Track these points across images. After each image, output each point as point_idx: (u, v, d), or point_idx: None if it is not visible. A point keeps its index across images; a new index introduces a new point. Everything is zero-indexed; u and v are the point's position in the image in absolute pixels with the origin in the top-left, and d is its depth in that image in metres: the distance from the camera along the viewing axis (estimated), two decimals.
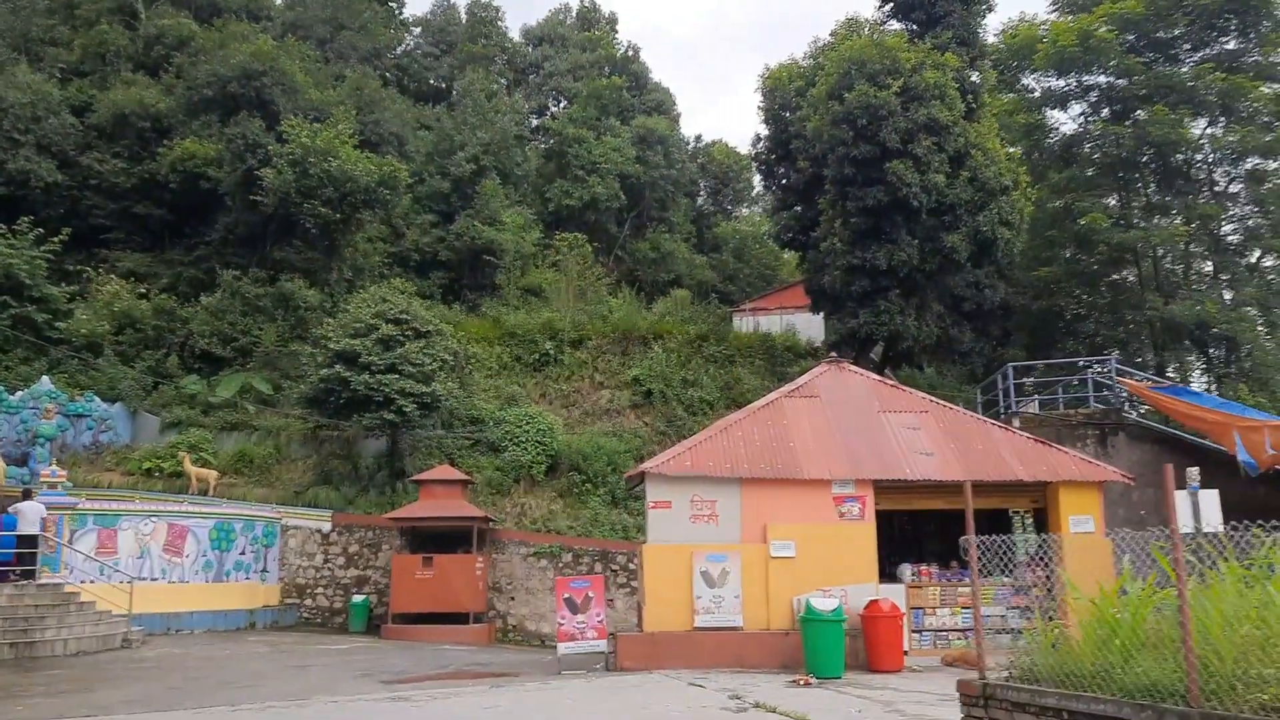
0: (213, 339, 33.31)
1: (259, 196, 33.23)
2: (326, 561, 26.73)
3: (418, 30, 58.99)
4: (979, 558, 14.44)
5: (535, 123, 57.74)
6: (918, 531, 19.21)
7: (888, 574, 16.46)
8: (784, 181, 36.52)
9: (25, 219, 33.70)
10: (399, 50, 56.48)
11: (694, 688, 13.13)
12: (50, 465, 23.60)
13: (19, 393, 29.17)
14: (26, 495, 20.43)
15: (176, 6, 44.84)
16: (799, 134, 32.25)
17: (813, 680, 13.60)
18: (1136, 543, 7.74)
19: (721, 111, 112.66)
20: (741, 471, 16.31)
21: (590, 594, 16.27)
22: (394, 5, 58.14)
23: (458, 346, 30.24)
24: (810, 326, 37.72)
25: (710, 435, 17.41)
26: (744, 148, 57.18)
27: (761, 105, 36.94)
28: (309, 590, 26.54)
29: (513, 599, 26.20)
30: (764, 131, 37.24)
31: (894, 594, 15.74)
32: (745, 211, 61.60)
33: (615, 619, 22.71)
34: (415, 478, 26.39)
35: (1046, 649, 8.00)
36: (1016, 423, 21.82)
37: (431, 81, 55.82)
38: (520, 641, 25.36)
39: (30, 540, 19.69)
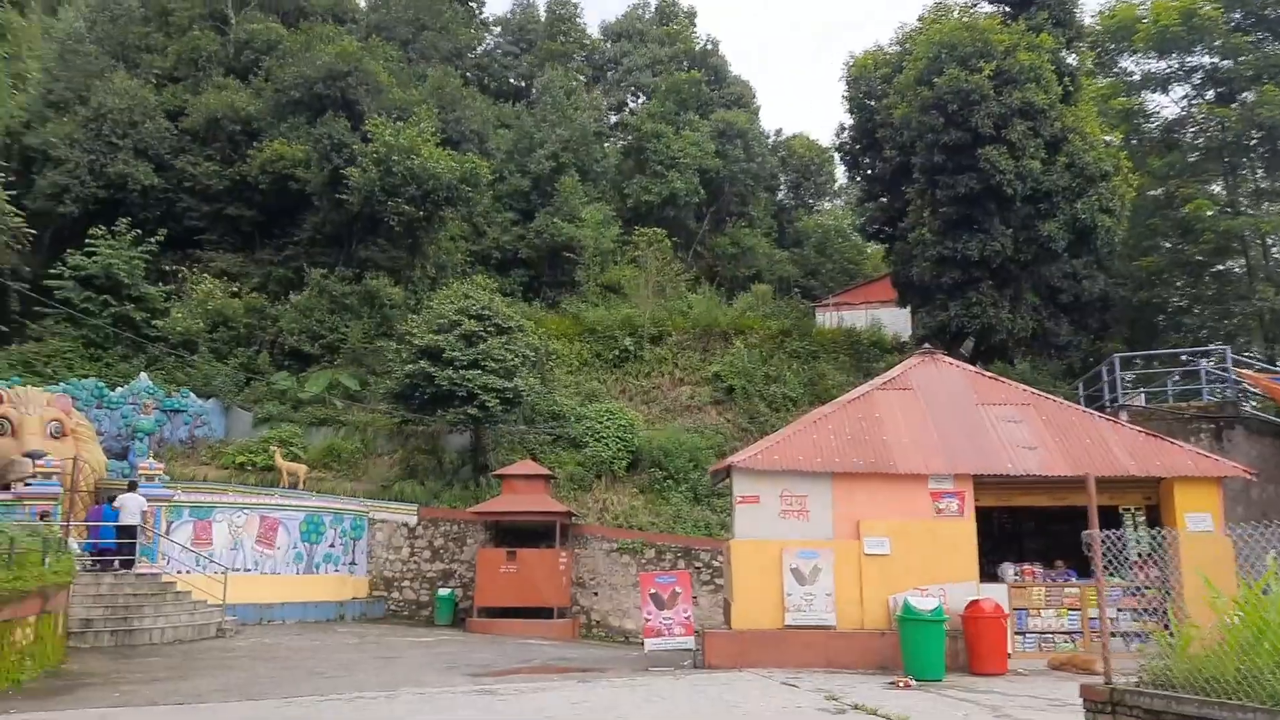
0: (301, 336, 33.94)
1: (344, 195, 33.70)
2: (413, 555, 26.90)
3: (497, 30, 59.35)
4: (1088, 557, 13.73)
5: (614, 119, 57.61)
6: (1017, 529, 18.47)
7: (987, 573, 15.78)
8: (869, 172, 35.70)
9: (123, 220, 34.73)
10: (479, 50, 56.88)
11: (787, 687, 12.71)
12: (148, 458, 24.13)
13: (119, 389, 30.06)
14: (131, 487, 20.93)
15: (265, 11, 45.78)
16: (885, 122, 31.43)
17: (912, 682, 13.06)
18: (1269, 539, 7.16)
19: (803, 103, 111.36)
20: (833, 466, 15.79)
21: (677, 589, 15.94)
22: (474, 5, 58.62)
23: (538, 342, 30.23)
24: (896, 321, 36.86)
25: (799, 429, 16.93)
26: (826, 140, 56.44)
27: (846, 94, 36.13)
28: (396, 583, 26.74)
29: (596, 594, 26.02)
30: (848, 121, 36.43)
31: (996, 594, 15.07)
32: (827, 205, 60.62)
33: (699, 616, 22.31)
34: (498, 472, 26.40)
35: (1181, 652, 7.42)
36: (1124, 416, 20.83)
37: (511, 80, 56.10)
38: (604, 637, 25.17)
39: (130, 531, 20.13)
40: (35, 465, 21.57)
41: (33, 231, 34.15)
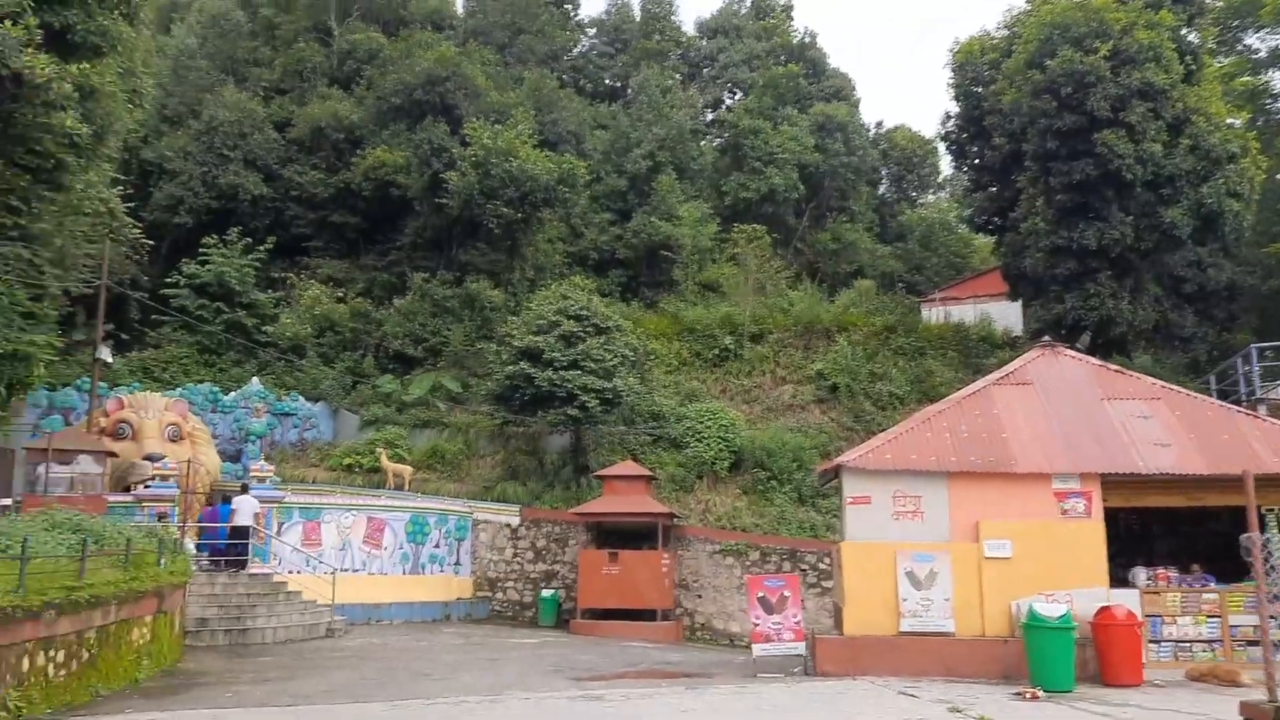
0: (405, 340, 34.43)
1: (444, 199, 34.07)
2: (516, 555, 26.93)
3: (592, 31, 59.43)
4: (1230, 560, 12.80)
5: (710, 116, 57.13)
6: (1144, 530, 17.45)
7: (1116, 578, 14.87)
8: (977, 161, 34.48)
9: (234, 229, 35.73)
10: (575, 52, 57.06)
11: (905, 697, 12.13)
12: (259, 460, 24.65)
13: (232, 393, 30.94)
14: (244, 489, 21.37)
15: (366, 21, 46.65)
16: (994, 109, 30.29)
17: (1040, 694, 12.33)
18: None
19: (903, 96, 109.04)
20: (949, 465, 15.10)
21: (786, 593, 15.43)
22: (569, 7, 58.82)
23: (637, 342, 30.01)
24: (1007, 315, 35.60)
25: (911, 426, 16.26)
26: (929, 132, 55.02)
27: (951, 81, 34.97)
28: (500, 584, 26.81)
29: (699, 597, 25.65)
30: (954, 109, 35.30)
31: (1127, 599, 14.17)
32: (931, 198, 59.07)
33: (806, 620, 21.73)
34: (599, 473, 26.24)
35: None
36: (1263, 410, 19.55)
37: (607, 81, 56.10)
38: (709, 640, 24.78)
39: (242, 532, 20.55)
40: (153, 468, 22.19)
41: (149, 242, 35.35)
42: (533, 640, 21.18)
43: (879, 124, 58.06)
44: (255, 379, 31.91)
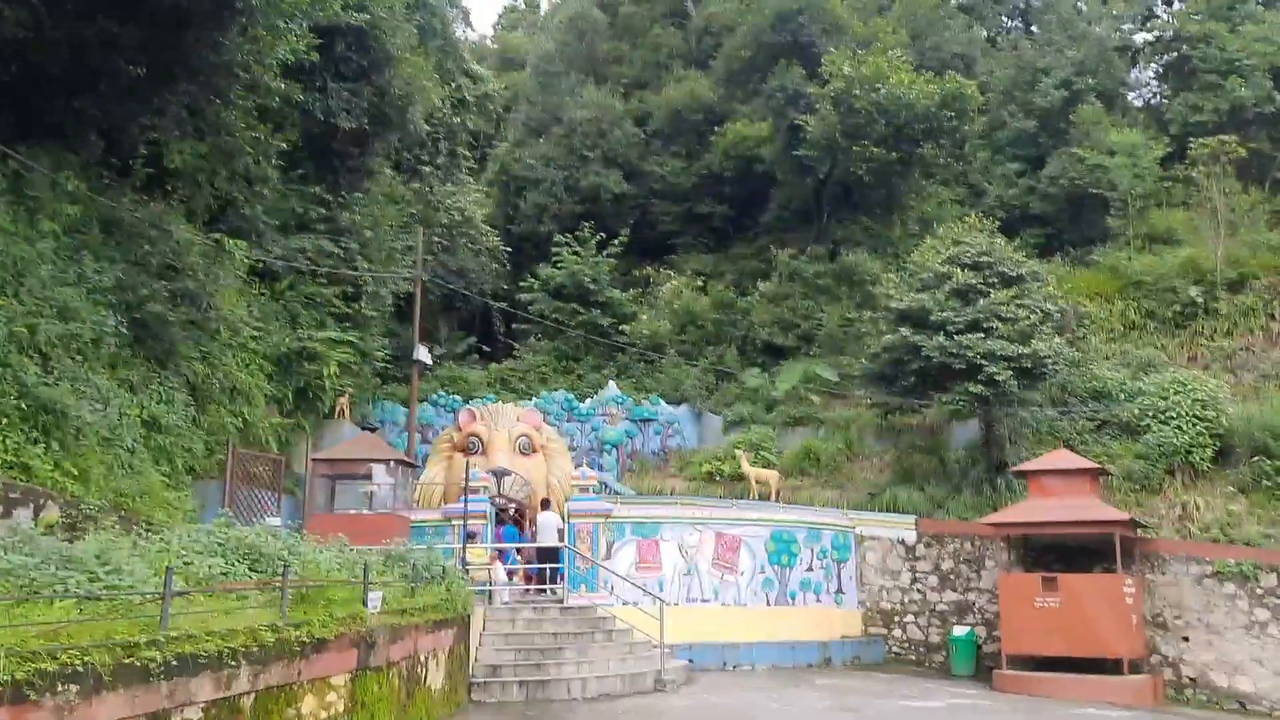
0: (772, 327, 30.33)
1: (804, 152, 29.00)
2: (914, 581, 20.80)
3: None
4: None
5: (1139, 39, 46.86)
6: None
7: None
8: None
9: (586, 225, 33.48)
10: None
11: None
12: (582, 467, 20.89)
13: (588, 400, 28.41)
14: (544, 505, 17.70)
15: None
16: None
17: None
18: None
19: None
20: None
21: None
22: None
23: (1064, 299, 22.89)
24: None
25: None
26: None
27: None
28: (896, 618, 20.81)
29: (1185, 639, 18.25)
30: None
31: None
32: None
33: None
34: (1020, 468, 19.55)
35: None
36: None
37: (1004, 18, 47.98)
38: (1205, 702, 17.63)
39: (550, 554, 16.69)
40: (479, 480, 19.13)
41: (508, 249, 34.09)
42: (934, 703, 15.13)
43: None
44: (612, 383, 28.95)
